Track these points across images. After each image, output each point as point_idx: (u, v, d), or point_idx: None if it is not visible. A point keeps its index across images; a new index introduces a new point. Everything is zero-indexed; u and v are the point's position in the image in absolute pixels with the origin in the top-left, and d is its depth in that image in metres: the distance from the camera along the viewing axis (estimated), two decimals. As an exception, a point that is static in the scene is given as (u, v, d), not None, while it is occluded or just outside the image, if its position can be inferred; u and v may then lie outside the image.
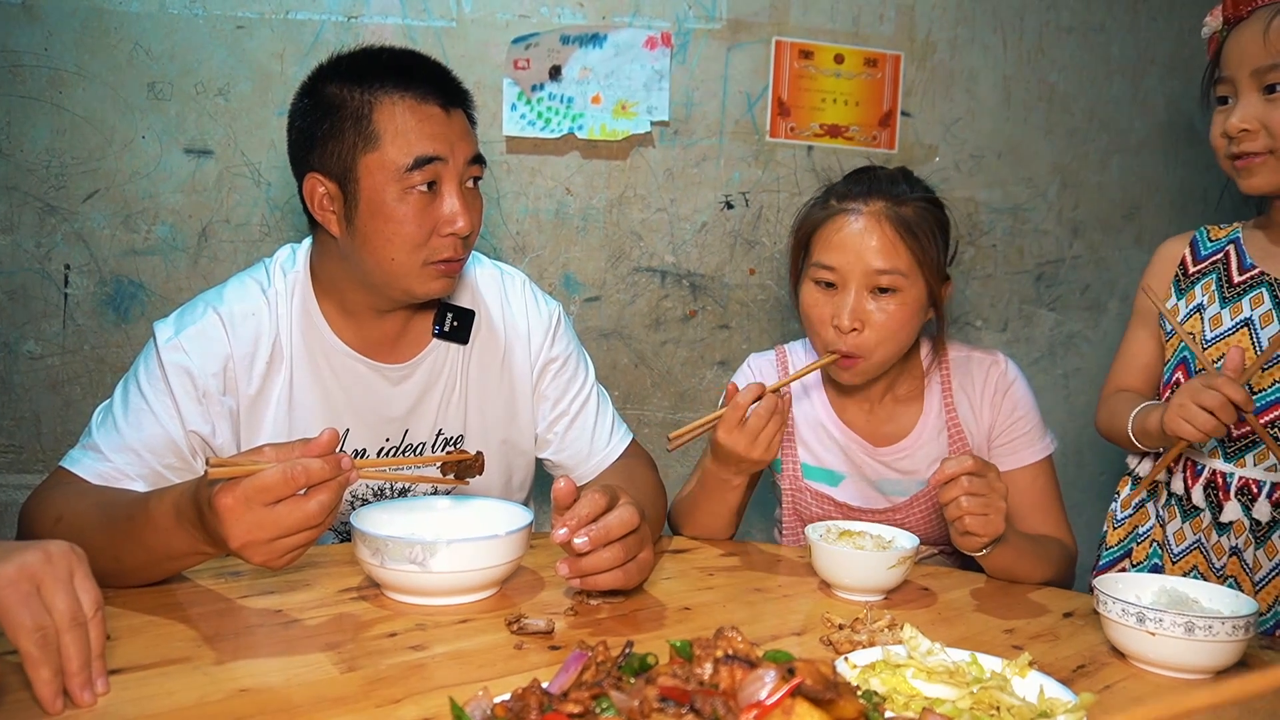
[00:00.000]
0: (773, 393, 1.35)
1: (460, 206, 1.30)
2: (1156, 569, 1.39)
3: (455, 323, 1.45)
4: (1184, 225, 1.63)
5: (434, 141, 1.28)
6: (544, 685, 0.69)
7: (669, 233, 2.20)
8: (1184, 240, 1.48)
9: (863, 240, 1.41)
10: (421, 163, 1.27)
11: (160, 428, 1.27)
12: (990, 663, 0.89)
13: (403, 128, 1.27)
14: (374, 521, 1.16)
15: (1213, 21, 1.35)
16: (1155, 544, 1.40)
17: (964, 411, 1.54)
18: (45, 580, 0.81)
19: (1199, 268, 1.43)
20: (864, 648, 0.97)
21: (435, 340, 1.45)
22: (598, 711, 0.64)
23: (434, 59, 1.37)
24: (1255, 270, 1.36)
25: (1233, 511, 1.31)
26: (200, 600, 1.10)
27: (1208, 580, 1.26)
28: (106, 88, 1.95)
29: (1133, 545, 1.43)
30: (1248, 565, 1.29)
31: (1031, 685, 0.85)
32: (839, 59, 2.22)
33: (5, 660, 0.88)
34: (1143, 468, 1.43)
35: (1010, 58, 2.32)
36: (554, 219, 2.16)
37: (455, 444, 1.47)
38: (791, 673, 0.62)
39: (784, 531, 1.67)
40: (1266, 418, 1.29)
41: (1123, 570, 1.43)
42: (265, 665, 0.91)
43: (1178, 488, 1.37)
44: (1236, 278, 1.37)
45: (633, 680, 0.67)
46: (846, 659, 0.89)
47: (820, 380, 1.62)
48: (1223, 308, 1.38)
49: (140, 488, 1.22)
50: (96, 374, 2.01)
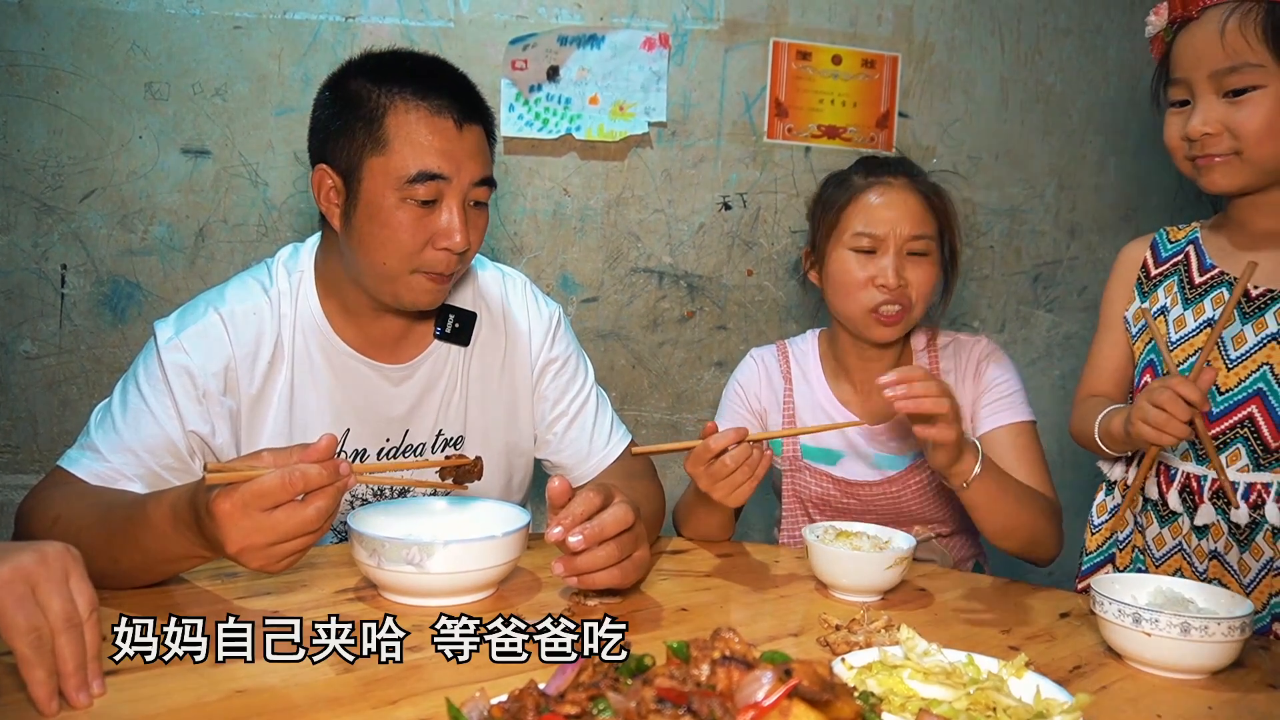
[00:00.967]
0: (753, 444, 1.28)
1: (459, 224, 1.28)
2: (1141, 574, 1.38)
3: (457, 324, 1.45)
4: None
5: (440, 158, 1.27)
6: (541, 686, 0.69)
7: (666, 233, 2.20)
8: (1144, 243, 1.46)
9: (897, 208, 1.55)
10: (424, 178, 1.26)
11: (159, 428, 1.27)
12: (986, 663, 0.89)
13: (412, 138, 1.26)
14: (371, 523, 1.15)
15: (1157, 20, 1.30)
16: (1137, 550, 1.39)
17: (966, 402, 1.60)
18: (40, 581, 0.81)
19: (1160, 270, 1.41)
20: (861, 648, 0.97)
21: (436, 341, 1.45)
22: (595, 713, 0.64)
23: (461, 72, 1.35)
24: (1215, 270, 1.34)
25: (1206, 514, 1.29)
26: (197, 601, 1.10)
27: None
28: (104, 88, 1.95)
29: (1114, 551, 1.42)
30: (1231, 567, 1.27)
31: (1028, 686, 0.85)
32: (837, 60, 2.22)
33: (1, 662, 0.87)
34: (1114, 472, 1.42)
35: (1008, 59, 2.33)
36: (551, 219, 2.16)
37: (455, 445, 1.47)
38: (789, 674, 0.62)
39: (783, 528, 1.69)
40: (1235, 417, 1.27)
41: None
42: (262, 666, 0.91)
43: (1152, 493, 1.35)
44: (1197, 278, 1.35)
45: (630, 681, 0.67)
46: (843, 660, 0.89)
47: (819, 367, 1.68)
48: (1185, 309, 1.35)
49: (138, 488, 1.22)
50: (93, 374, 2.01)
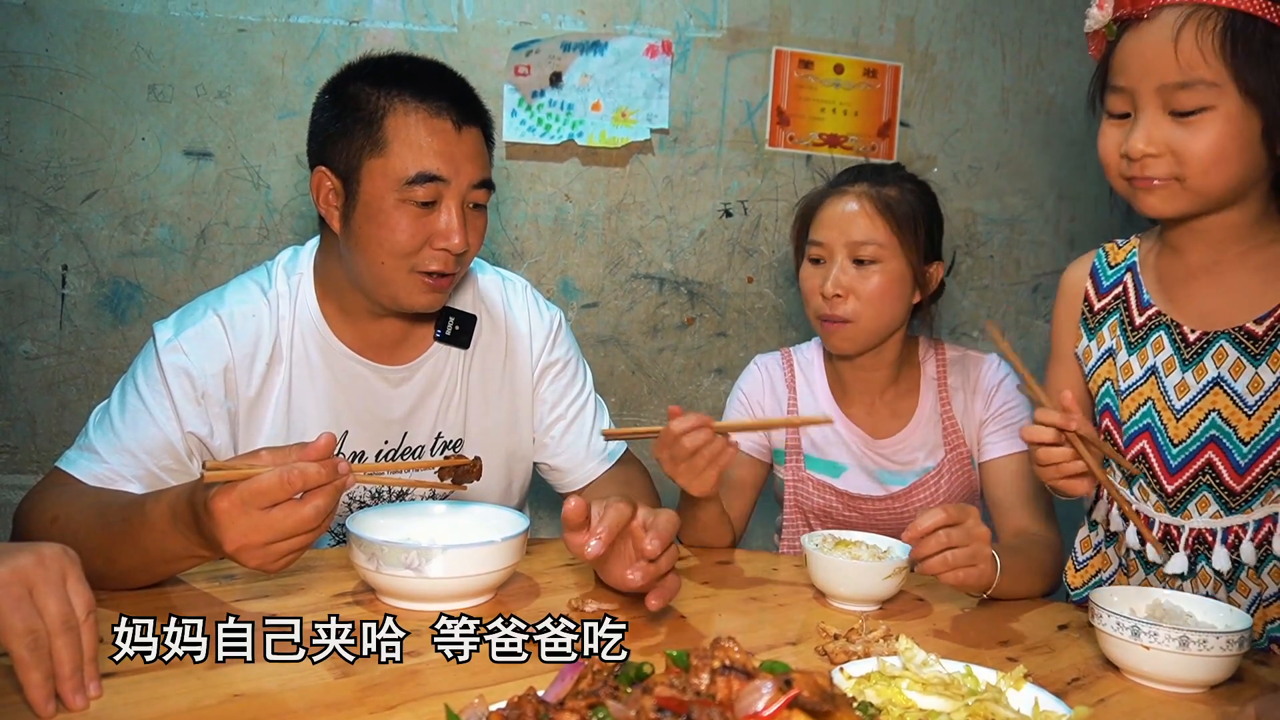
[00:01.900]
0: (715, 431, 1.26)
1: (457, 224, 1.29)
2: None
3: (457, 326, 1.45)
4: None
5: (439, 159, 1.28)
6: (540, 693, 0.69)
7: (667, 240, 2.21)
8: (1086, 265, 1.35)
9: (846, 215, 1.54)
10: (423, 179, 1.27)
11: (157, 429, 1.27)
12: (985, 675, 0.89)
13: (411, 139, 1.27)
14: (370, 526, 1.15)
15: (1099, 14, 1.14)
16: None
17: (958, 405, 1.60)
18: (38, 583, 0.81)
19: (1103, 303, 1.30)
20: (859, 658, 0.96)
21: (436, 343, 1.45)
22: (594, 721, 0.64)
23: (459, 75, 1.37)
24: (1153, 310, 1.24)
25: (1179, 564, 1.20)
26: (194, 604, 1.09)
27: None
28: (107, 89, 1.95)
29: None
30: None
31: (1026, 698, 0.85)
32: (839, 69, 2.23)
33: (-2, 663, 0.87)
34: (1098, 510, 1.33)
35: (1009, 70, 2.33)
36: (553, 225, 2.16)
37: (454, 448, 1.47)
38: (789, 684, 0.61)
39: (783, 536, 1.69)
40: (1195, 466, 1.19)
41: None
42: (259, 670, 0.91)
43: (1133, 542, 1.26)
44: (1137, 318, 1.25)
45: (629, 690, 0.67)
46: (842, 669, 0.88)
47: (824, 376, 1.67)
48: (1130, 354, 1.25)
49: (136, 489, 1.21)
50: (93, 375, 2.01)
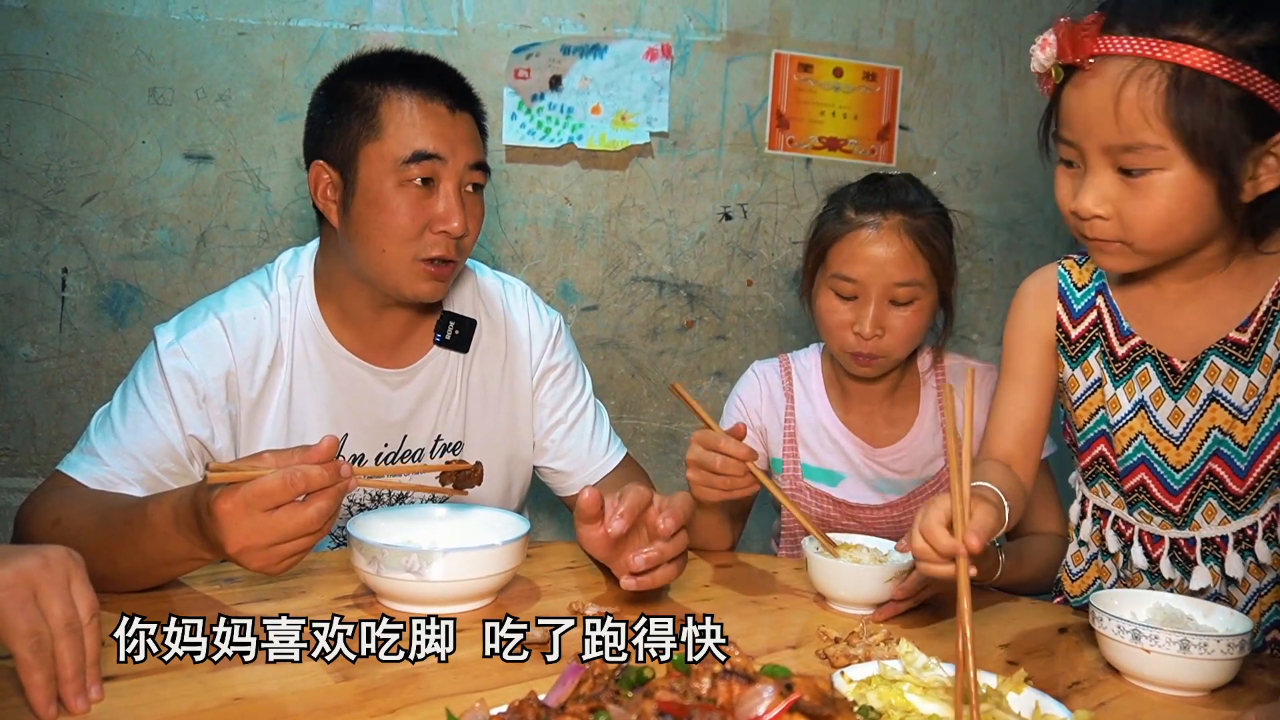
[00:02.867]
0: (751, 464, 1.29)
1: (455, 206, 1.31)
2: None
3: (457, 331, 1.45)
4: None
5: (434, 139, 1.30)
6: (541, 697, 0.69)
7: (667, 243, 2.21)
8: (1046, 282, 1.27)
9: (883, 254, 1.47)
10: (419, 157, 1.29)
11: (159, 433, 1.27)
12: (986, 678, 0.89)
13: (406, 121, 1.30)
14: (371, 529, 1.15)
15: (1041, 56, 1.08)
16: None
17: (958, 414, 1.57)
18: (42, 585, 0.81)
19: (1080, 330, 1.23)
20: (860, 662, 0.96)
21: (436, 347, 1.45)
22: (595, 725, 0.64)
23: (450, 66, 1.40)
24: (1135, 340, 1.18)
25: (1202, 577, 1.17)
26: (195, 606, 1.09)
27: None
28: (107, 92, 1.95)
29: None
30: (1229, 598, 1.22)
31: (1027, 701, 0.85)
32: (838, 72, 2.23)
33: (0, 665, 0.87)
34: (1084, 529, 1.30)
35: (1008, 73, 2.34)
36: (553, 228, 2.16)
37: (454, 450, 1.47)
38: (789, 688, 0.62)
39: (781, 544, 1.68)
40: (1198, 479, 1.16)
41: None
42: (260, 673, 0.91)
43: (1141, 561, 1.22)
44: (1119, 349, 1.20)
45: (630, 694, 0.67)
46: (843, 673, 0.89)
47: (823, 383, 1.66)
48: (1116, 387, 1.20)
49: (137, 492, 1.22)
50: (92, 378, 2.01)
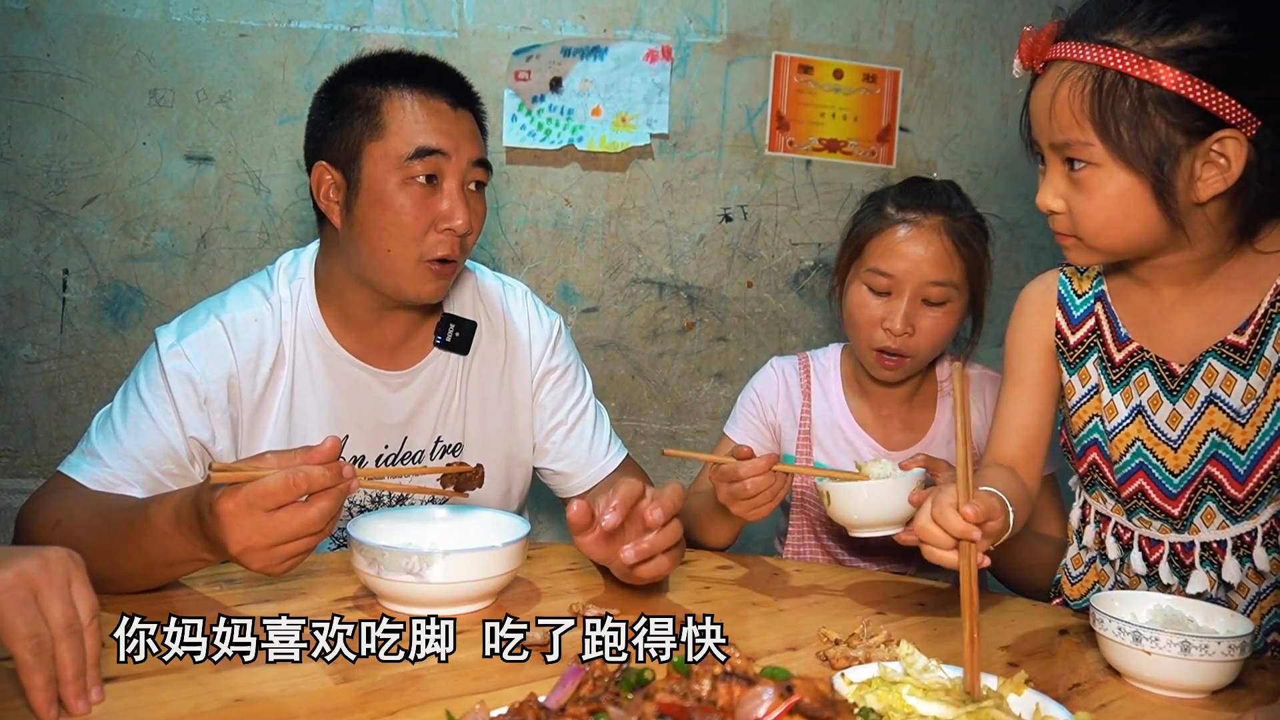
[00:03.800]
0: (782, 473, 1.29)
1: (459, 202, 1.31)
2: None
3: (457, 333, 1.45)
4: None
5: (437, 135, 1.30)
6: (541, 699, 0.69)
7: (667, 245, 2.21)
8: (1048, 289, 1.29)
9: (920, 251, 1.47)
10: (423, 153, 1.29)
11: (160, 434, 1.27)
12: (986, 680, 0.89)
13: (408, 118, 1.30)
14: (371, 531, 1.15)
15: (1018, 65, 1.18)
16: None
17: (975, 422, 1.57)
18: (43, 587, 0.81)
19: (1078, 337, 1.25)
20: (860, 664, 0.96)
21: (436, 349, 1.45)
22: (595, 726, 0.64)
23: (450, 65, 1.40)
24: (1133, 345, 1.19)
25: (1200, 582, 1.17)
26: (195, 608, 1.09)
27: None
28: (108, 94, 1.95)
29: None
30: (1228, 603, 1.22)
31: (1027, 703, 0.85)
32: (838, 74, 2.23)
33: (0, 667, 0.87)
34: (1087, 535, 1.30)
35: (1009, 75, 2.31)
36: (553, 230, 2.16)
37: (454, 452, 1.47)
38: (790, 690, 0.62)
39: (787, 541, 1.68)
40: (1195, 482, 1.16)
41: None
42: (260, 675, 0.91)
43: (1139, 567, 1.23)
44: (1116, 354, 1.21)
45: (630, 696, 0.67)
46: (843, 675, 0.88)
47: (841, 383, 1.65)
48: (1113, 393, 1.21)
49: (138, 494, 1.22)
50: (93, 379, 2.01)
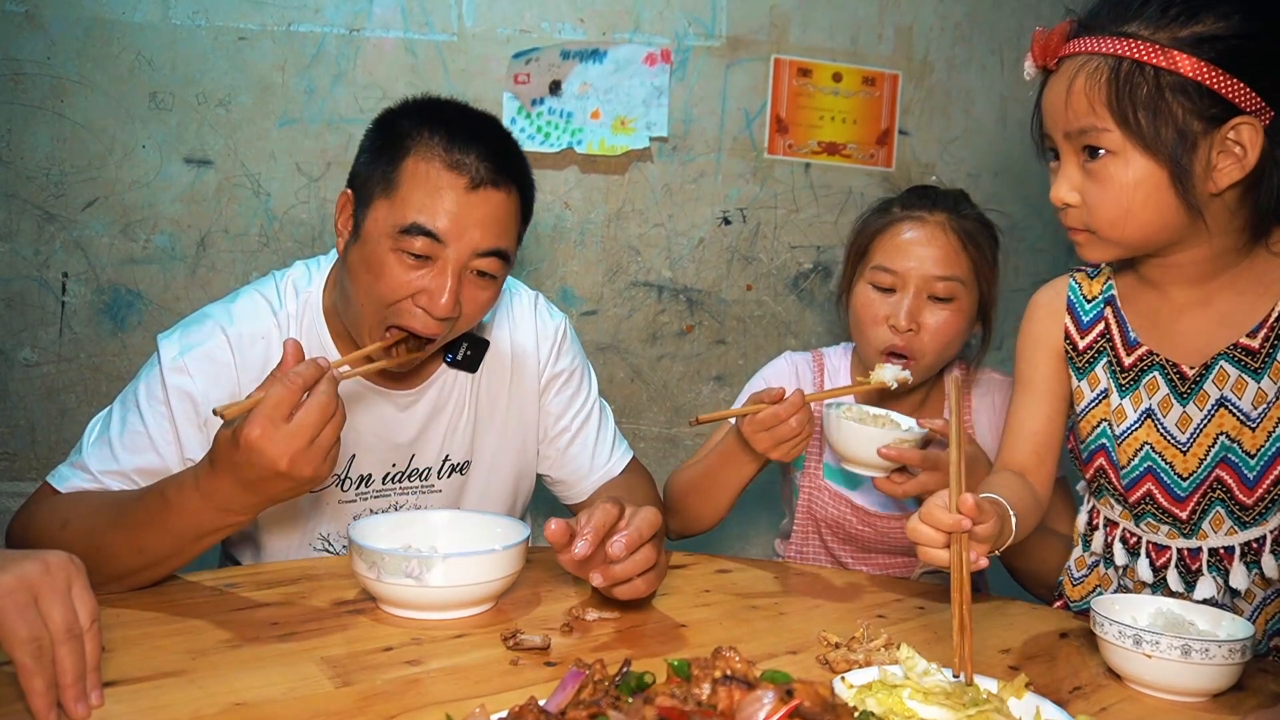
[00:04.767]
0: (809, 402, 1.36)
1: (448, 288, 1.21)
2: None
3: (469, 351, 1.41)
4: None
5: (441, 216, 1.20)
6: (541, 703, 0.69)
7: (666, 248, 2.21)
8: (1058, 294, 1.31)
9: (925, 247, 1.47)
10: (417, 231, 1.20)
11: (155, 454, 1.24)
12: (986, 683, 0.89)
13: (418, 187, 1.21)
14: (371, 535, 1.15)
15: (1029, 66, 1.18)
16: None
17: (981, 428, 1.58)
18: (43, 591, 0.81)
19: (1088, 342, 1.26)
20: (860, 667, 0.97)
21: (444, 366, 1.42)
22: (596, 730, 0.64)
23: (506, 133, 1.30)
24: (1143, 349, 1.20)
25: (1206, 588, 1.17)
26: (196, 611, 1.09)
27: None
28: (108, 97, 1.95)
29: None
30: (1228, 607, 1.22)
31: (1028, 706, 0.85)
32: (837, 77, 2.24)
33: (0, 671, 0.87)
34: (1095, 541, 1.30)
35: (1007, 78, 2.34)
36: (552, 233, 2.16)
37: (462, 470, 1.46)
38: (790, 693, 0.62)
39: (790, 541, 1.67)
40: (1204, 486, 1.16)
41: None
42: (260, 678, 0.91)
43: (1146, 574, 1.22)
44: (1126, 359, 1.21)
45: (630, 699, 0.67)
46: (843, 678, 0.89)
47: (850, 382, 1.64)
48: (1123, 397, 1.21)
49: None
50: (92, 382, 2.01)
